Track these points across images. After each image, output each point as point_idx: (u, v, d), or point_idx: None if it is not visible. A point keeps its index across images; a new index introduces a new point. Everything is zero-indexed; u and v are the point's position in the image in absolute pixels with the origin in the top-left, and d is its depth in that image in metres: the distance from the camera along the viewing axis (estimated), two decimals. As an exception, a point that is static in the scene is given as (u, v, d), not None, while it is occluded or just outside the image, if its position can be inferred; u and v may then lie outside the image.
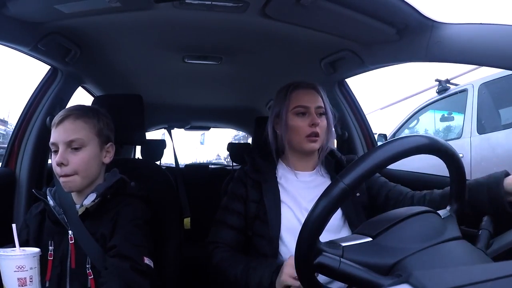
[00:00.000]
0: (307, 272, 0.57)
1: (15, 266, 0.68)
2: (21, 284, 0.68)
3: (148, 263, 0.86)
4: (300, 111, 1.01)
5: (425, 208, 0.61)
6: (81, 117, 0.90)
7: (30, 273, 0.69)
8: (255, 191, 1.03)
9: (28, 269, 0.69)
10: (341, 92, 1.63)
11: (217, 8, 1.00)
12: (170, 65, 1.57)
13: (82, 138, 0.88)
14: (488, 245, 0.62)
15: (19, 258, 0.69)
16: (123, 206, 0.91)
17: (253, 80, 1.84)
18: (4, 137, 15.56)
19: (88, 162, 0.89)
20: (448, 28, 0.91)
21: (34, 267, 0.71)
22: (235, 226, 1.02)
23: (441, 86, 3.70)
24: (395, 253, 0.53)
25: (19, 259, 0.69)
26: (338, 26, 1.09)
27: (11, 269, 0.68)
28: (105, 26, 1.14)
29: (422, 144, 0.55)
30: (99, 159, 0.93)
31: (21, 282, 0.68)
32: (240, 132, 4.49)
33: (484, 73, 3.21)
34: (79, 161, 0.87)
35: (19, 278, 0.68)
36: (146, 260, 0.86)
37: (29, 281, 0.69)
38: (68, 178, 0.86)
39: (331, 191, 0.53)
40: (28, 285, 0.69)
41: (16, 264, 0.68)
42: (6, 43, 1.03)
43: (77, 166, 0.87)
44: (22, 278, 0.68)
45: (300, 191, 1.02)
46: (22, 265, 0.68)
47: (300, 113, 1.01)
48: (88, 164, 0.89)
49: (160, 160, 2.38)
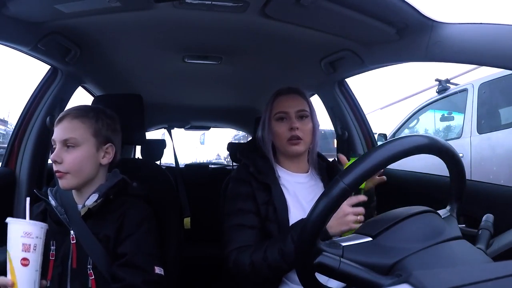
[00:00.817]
0: (307, 272, 0.57)
1: (23, 231, 0.70)
2: (25, 249, 0.70)
3: (159, 272, 0.88)
4: (280, 116, 1.05)
5: (425, 208, 0.61)
6: (78, 117, 0.91)
7: (35, 242, 0.71)
8: (262, 192, 1.02)
9: (34, 237, 0.71)
10: (341, 92, 1.63)
11: (217, 8, 1.00)
12: (170, 65, 1.57)
13: (76, 138, 0.89)
14: (488, 245, 0.62)
15: (27, 224, 0.72)
16: (128, 208, 0.92)
17: (253, 80, 1.84)
18: (4, 137, 15.56)
19: (81, 161, 0.89)
20: (448, 28, 0.91)
21: (40, 238, 0.73)
22: (255, 225, 0.99)
23: (441, 86, 3.70)
24: (395, 253, 0.53)
25: (27, 225, 0.72)
26: (338, 26, 1.09)
27: (18, 234, 0.70)
28: (105, 26, 1.14)
29: (422, 144, 0.55)
30: (95, 160, 0.92)
31: (25, 247, 0.70)
32: (240, 132, 4.50)
33: (484, 73, 3.21)
34: (72, 160, 0.88)
35: (24, 243, 0.70)
36: (157, 270, 0.88)
37: (33, 248, 0.71)
38: (61, 175, 0.87)
39: (331, 191, 0.53)
40: (31, 252, 0.71)
41: (24, 229, 0.71)
42: (6, 43, 1.03)
43: (70, 165, 0.87)
44: (27, 244, 0.70)
45: (300, 192, 1.04)
46: (29, 231, 0.71)
47: (280, 118, 1.05)
48: (81, 164, 0.89)
49: (160, 160, 2.38)
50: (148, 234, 0.91)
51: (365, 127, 1.64)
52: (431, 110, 3.96)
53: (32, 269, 0.71)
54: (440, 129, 4.01)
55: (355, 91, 1.65)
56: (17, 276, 0.70)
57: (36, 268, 0.72)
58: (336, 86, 1.62)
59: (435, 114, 3.99)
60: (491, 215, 0.69)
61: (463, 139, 3.07)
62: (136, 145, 2.43)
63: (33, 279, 0.71)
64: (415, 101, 6.69)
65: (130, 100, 1.28)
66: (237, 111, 2.58)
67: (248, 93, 2.14)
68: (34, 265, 0.72)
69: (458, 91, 3.39)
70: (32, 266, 0.71)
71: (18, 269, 0.70)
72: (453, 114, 3.71)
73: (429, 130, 4.06)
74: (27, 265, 0.70)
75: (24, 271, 0.70)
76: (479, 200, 1.07)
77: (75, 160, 0.88)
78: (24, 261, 0.70)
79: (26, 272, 0.71)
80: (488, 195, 1.09)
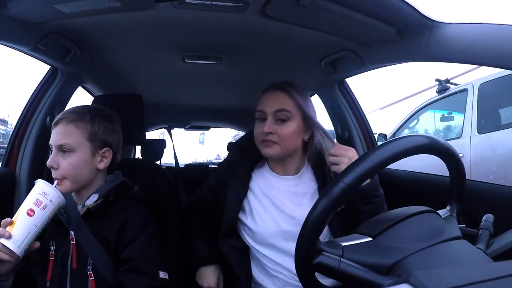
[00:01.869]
0: (307, 272, 0.57)
1: (42, 190, 0.78)
2: (36, 204, 0.77)
3: (163, 277, 0.88)
4: (259, 116, 1.00)
5: (425, 208, 0.61)
6: (73, 121, 0.89)
7: (47, 203, 0.78)
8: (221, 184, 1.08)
9: (49, 199, 0.78)
10: (341, 92, 1.63)
11: (217, 8, 1.00)
12: (170, 65, 1.57)
13: (71, 143, 0.87)
14: (488, 245, 0.62)
15: (49, 186, 0.80)
16: (130, 212, 0.91)
17: (253, 80, 1.83)
18: (4, 137, 15.58)
19: (77, 167, 0.88)
20: (448, 28, 0.91)
21: (53, 203, 0.79)
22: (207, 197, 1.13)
23: (441, 86, 3.70)
24: (395, 253, 0.53)
25: (48, 187, 0.79)
26: (338, 26, 1.09)
27: (38, 191, 0.78)
28: (105, 26, 1.14)
29: (422, 144, 0.55)
30: (91, 165, 0.91)
31: (37, 202, 0.77)
32: (240, 132, 4.48)
33: (484, 73, 3.21)
34: (67, 166, 0.87)
35: (38, 199, 0.77)
36: (161, 274, 0.88)
37: (43, 207, 0.77)
38: (58, 182, 0.87)
39: (331, 191, 0.53)
40: (40, 208, 0.77)
41: (44, 189, 0.78)
42: (6, 43, 1.03)
43: (66, 171, 0.87)
44: (40, 201, 0.77)
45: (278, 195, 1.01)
46: (47, 192, 0.78)
47: (259, 118, 0.99)
48: (77, 169, 0.88)
49: (160, 160, 2.38)
50: (151, 239, 0.91)
51: (365, 127, 1.63)
52: (431, 110, 3.96)
53: (33, 222, 0.76)
54: (440, 129, 4.01)
55: (355, 91, 1.65)
56: (18, 220, 0.75)
57: (36, 224, 0.76)
58: (336, 86, 1.62)
59: (435, 114, 4.00)
60: (491, 215, 0.69)
61: (463, 139, 3.07)
62: (136, 145, 2.43)
63: (29, 230, 0.75)
64: (415, 101, 6.69)
65: (130, 100, 1.28)
66: (237, 111, 2.58)
67: (248, 93, 2.13)
68: (36, 219, 0.76)
69: (458, 91, 3.40)
70: (34, 219, 0.76)
71: (22, 214, 0.76)
72: (453, 114, 3.71)
73: (429, 130, 4.06)
74: (30, 216, 0.75)
75: (25, 218, 0.75)
76: (479, 200, 1.07)
77: (70, 165, 0.87)
78: (30, 211, 0.76)
79: (27, 220, 0.75)
80: (488, 195, 1.08)
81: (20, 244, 0.74)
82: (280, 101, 0.97)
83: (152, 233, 0.92)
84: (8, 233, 0.73)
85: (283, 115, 0.96)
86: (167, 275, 0.90)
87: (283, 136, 0.96)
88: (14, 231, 0.74)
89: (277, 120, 0.96)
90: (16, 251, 0.73)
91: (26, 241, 0.74)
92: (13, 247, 0.73)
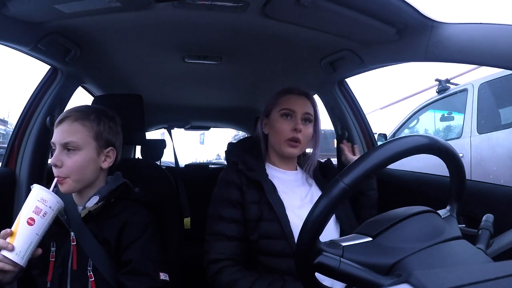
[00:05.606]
0: (307, 272, 0.57)
1: (40, 196, 0.76)
2: (35, 212, 0.75)
3: (164, 278, 0.88)
4: (286, 113, 1.03)
5: (425, 208, 0.61)
6: (79, 119, 0.89)
7: (46, 210, 0.76)
8: (254, 191, 0.98)
9: (48, 206, 0.77)
10: (341, 92, 1.63)
11: (217, 8, 1.00)
12: (170, 65, 1.57)
13: (77, 141, 0.87)
14: (488, 245, 0.62)
15: (47, 192, 0.78)
16: (130, 214, 0.91)
17: (253, 80, 1.84)
18: (4, 137, 15.57)
19: (82, 166, 0.88)
20: (448, 28, 0.91)
21: (52, 210, 0.77)
22: (235, 236, 0.95)
23: (441, 86, 3.71)
24: (395, 253, 0.53)
25: (46, 193, 0.77)
26: (338, 26, 1.09)
27: (36, 198, 0.76)
28: (105, 26, 1.14)
29: (422, 144, 0.55)
30: (95, 164, 0.91)
31: (36, 210, 0.75)
32: (240, 132, 4.49)
33: (484, 73, 3.21)
34: (72, 165, 0.86)
35: (37, 206, 0.75)
36: (162, 276, 0.88)
37: (43, 214, 0.76)
38: (61, 180, 0.86)
39: (331, 191, 0.53)
40: (40, 216, 0.75)
41: (42, 195, 0.77)
42: (6, 43, 1.03)
43: (70, 170, 0.86)
44: (39, 208, 0.76)
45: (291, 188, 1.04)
46: (46, 199, 0.77)
47: (285, 115, 1.03)
48: (82, 168, 0.88)
49: (160, 160, 2.38)
50: (151, 240, 0.91)
51: (365, 127, 1.63)
52: (431, 110, 3.96)
53: (34, 231, 0.75)
54: (440, 129, 4.01)
55: (355, 91, 1.65)
56: (19, 230, 0.74)
57: (38, 233, 0.75)
58: (336, 86, 1.62)
59: (435, 114, 4.00)
60: (491, 215, 0.68)
61: (463, 139, 3.07)
62: (136, 145, 2.43)
63: (31, 240, 0.74)
64: (415, 101, 6.70)
65: (130, 100, 1.28)
66: (237, 111, 2.58)
67: (248, 93, 2.13)
68: (37, 228, 0.75)
69: (458, 91, 3.40)
70: (35, 228, 0.75)
71: (22, 224, 0.74)
72: (453, 114, 3.71)
73: (429, 130, 4.06)
74: (31, 225, 0.74)
75: (26, 228, 0.74)
76: (479, 200, 1.07)
77: (75, 164, 0.87)
78: (30, 220, 0.74)
79: (28, 230, 0.74)
80: (488, 195, 1.08)
81: (24, 255, 0.73)
82: (307, 105, 1.06)
83: (152, 234, 0.92)
84: (10, 245, 0.72)
85: (308, 117, 1.05)
86: (168, 276, 0.89)
87: (306, 135, 1.04)
88: (16, 243, 0.73)
89: (302, 121, 1.04)
90: (20, 262, 0.72)
91: (29, 251, 0.74)
92: (17, 259, 0.72)
